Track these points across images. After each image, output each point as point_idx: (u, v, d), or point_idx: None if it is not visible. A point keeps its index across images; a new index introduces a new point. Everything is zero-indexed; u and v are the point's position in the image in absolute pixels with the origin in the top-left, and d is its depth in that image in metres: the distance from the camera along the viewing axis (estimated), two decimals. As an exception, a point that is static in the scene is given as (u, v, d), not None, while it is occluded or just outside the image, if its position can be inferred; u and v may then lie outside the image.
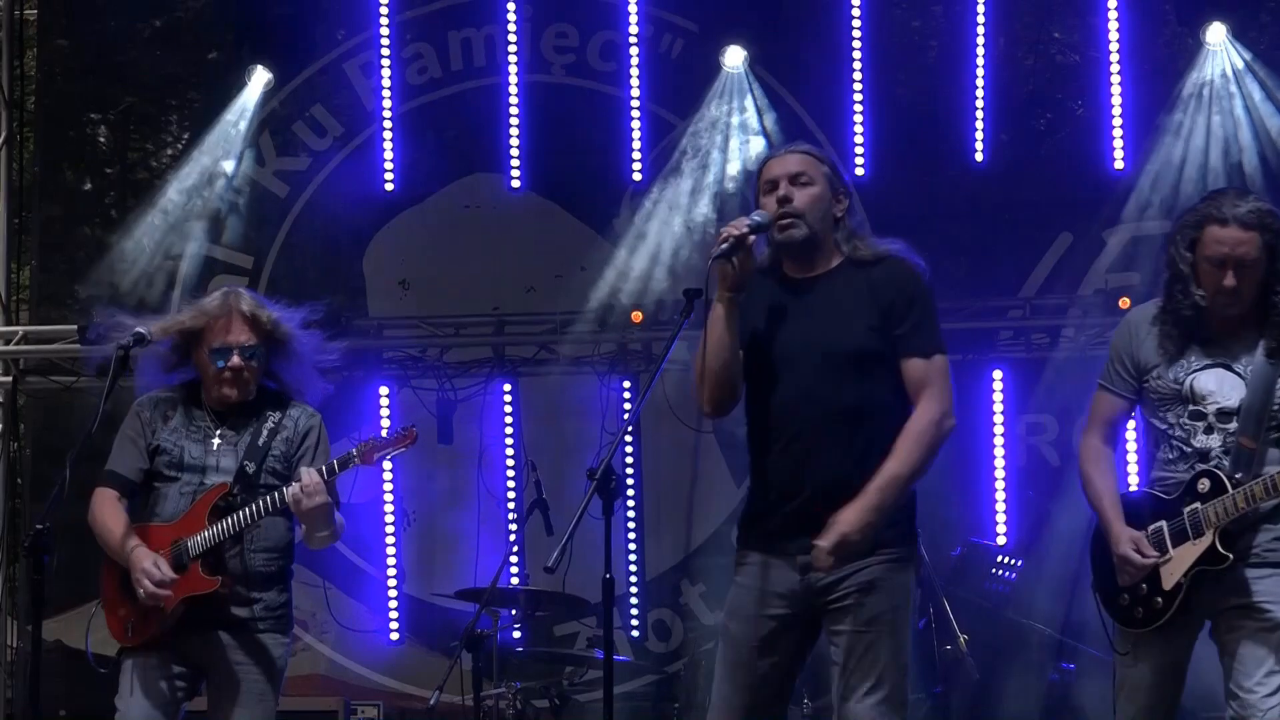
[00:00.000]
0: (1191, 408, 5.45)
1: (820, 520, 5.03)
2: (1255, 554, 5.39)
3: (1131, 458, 8.63)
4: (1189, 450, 5.45)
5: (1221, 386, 5.44)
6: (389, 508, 10.00)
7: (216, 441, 5.94)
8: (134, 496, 5.96)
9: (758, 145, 9.72)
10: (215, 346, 5.91)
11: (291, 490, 5.75)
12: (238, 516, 5.79)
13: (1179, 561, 5.39)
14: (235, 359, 5.90)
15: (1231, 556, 5.33)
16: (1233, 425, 5.40)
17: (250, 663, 5.88)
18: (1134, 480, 8.17)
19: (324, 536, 5.92)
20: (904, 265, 5.31)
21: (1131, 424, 5.97)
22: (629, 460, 9.89)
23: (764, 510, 5.20)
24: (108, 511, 5.90)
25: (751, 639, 5.15)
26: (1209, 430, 5.43)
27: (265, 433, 5.95)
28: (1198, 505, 5.37)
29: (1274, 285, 5.41)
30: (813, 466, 5.10)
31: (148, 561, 5.76)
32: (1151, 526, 5.46)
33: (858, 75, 9.84)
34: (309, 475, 5.76)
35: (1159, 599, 5.42)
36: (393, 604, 10.05)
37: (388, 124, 10.28)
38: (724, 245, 5.09)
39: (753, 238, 5.14)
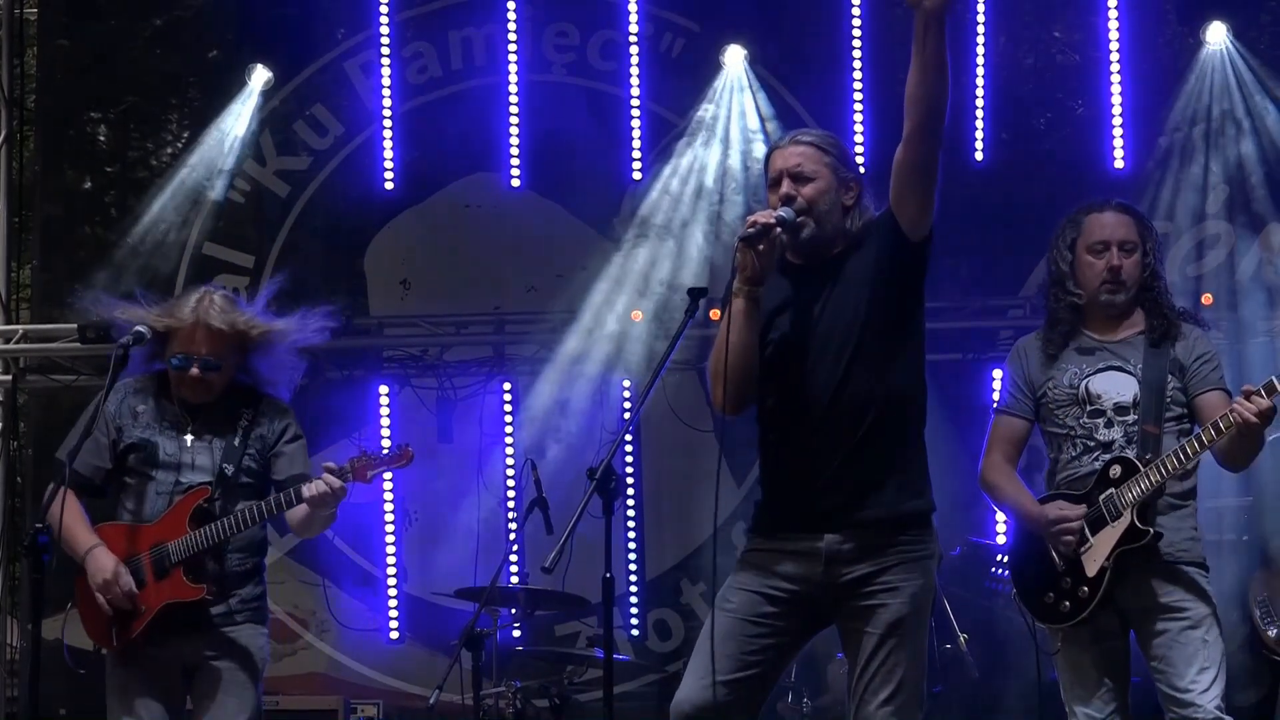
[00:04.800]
0: (1090, 408, 5.69)
1: (847, 509, 4.99)
2: (1168, 553, 5.56)
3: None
4: (1093, 443, 5.67)
5: (1114, 384, 5.69)
6: (389, 507, 10.00)
7: (189, 438, 5.94)
8: (89, 493, 5.94)
9: (758, 144, 9.73)
10: (177, 352, 5.90)
11: (317, 488, 5.76)
12: (222, 525, 5.79)
13: (1100, 547, 5.56)
14: (194, 370, 5.90)
15: (1151, 531, 5.50)
16: (1130, 417, 5.63)
17: (230, 654, 5.90)
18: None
19: (328, 516, 5.93)
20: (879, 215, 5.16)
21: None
22: (629, 460, 9.89)
23: (785, 499, 5.11)
24: (67, 512, 5.82)
25: (751, 613, 5.04)
26: (1109, 424, 5.66)
27: (240, 431, 5.95)
28: (1111, 491, 5.57)
29: (1149, 281, 5.75)
30: (834, 453, 5.00)
31: (106, 574, 5.76)
32: None
33: (858, 74, 9.85)
34: (332, 480, 5.78)
35: (1084, 588, 5.58)
36: (393, 603, 10.05)
37: (388, 123, 10.28)
38: (751, 230, 4.92)
39: (779, 230, 4.97)
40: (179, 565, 5.81)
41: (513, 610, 8.22)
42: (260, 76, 10.17)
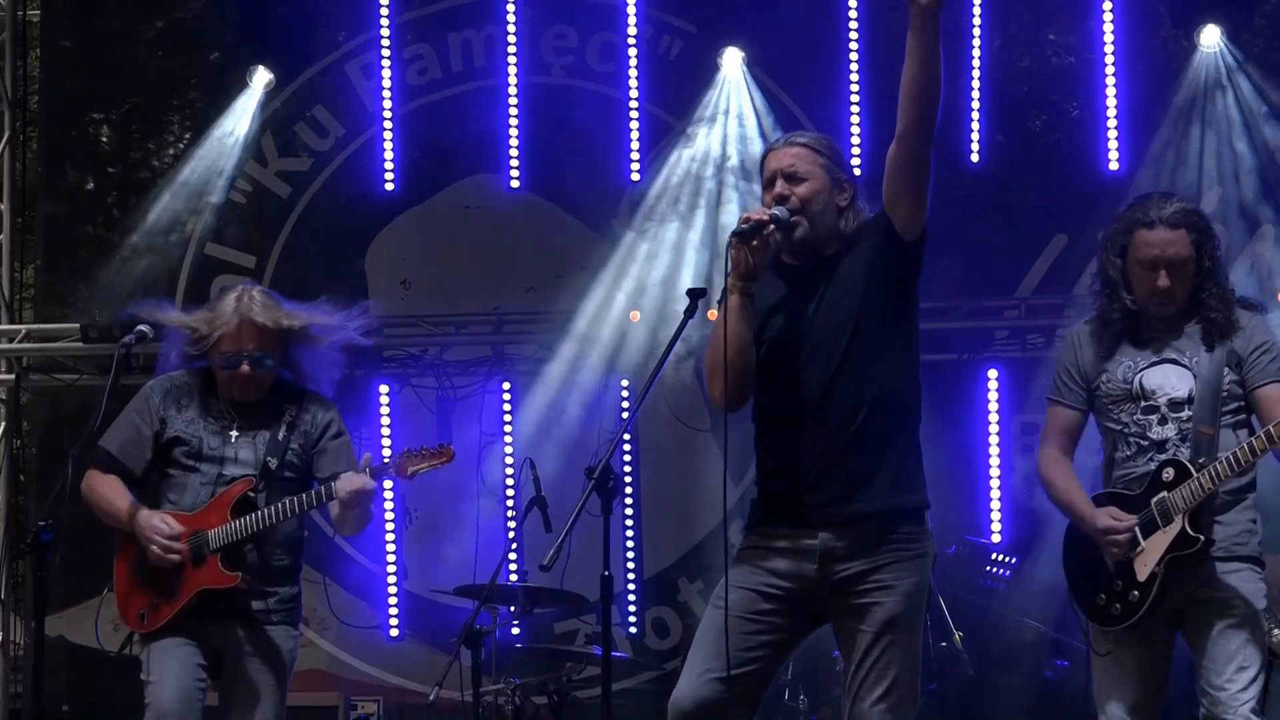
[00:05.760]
0: (1144, 404, 5.54)
1: (838, 509, 5.01)
2: (1223, 547, 5.45)
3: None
4: (1146, 443, 5.53)
5: (1168, 379, 5.53)
6: (389, 505, 10.00)
7: (234, 434, 5.97)
8: (127, 481, 5.96)
9: (755, 145, 9.74)
10: (225, 352, 5.93)
11: (347, 484, 5.80)
12: (262, 515, 5.82)
13: (1151, 551, 5.45)
14: (245, 367, 5.94)
15: (1202, 539, 5.38)
16: (1185, 413, 5.48)
17: (263, 655, 5.92)
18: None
19: (361, 514, 5.96)
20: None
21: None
22: (627, 459, 9.90)
23: (778, 496, 5.12)
24: (105, 483, 5.90)
25: (747, 610, 5.03)
26: (1163, 421, 5.52)
27: (284, 427, 5.98)
28: (1164, 494, 5.43)
29: (1204, 283, 5.54)
30: (824, 451, 5.01)
31: (155, 519, 5.82)
32: None
33: (854, 76, 9.85)
34: (360, 479, 5.81)
35: (1135, 592, 5.47)
36: (393, 600, 10.06)
37: (388, 125, 10.29)
38: (744, 226, 4.97)
39: (771, 228, 5.00)
40: (216, 553, 5.84)
41: (512, 608, 8.21)
42: (261, 78, 10.19)
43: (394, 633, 10.08)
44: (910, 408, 5.14)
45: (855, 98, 9.82)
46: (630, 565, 9.97)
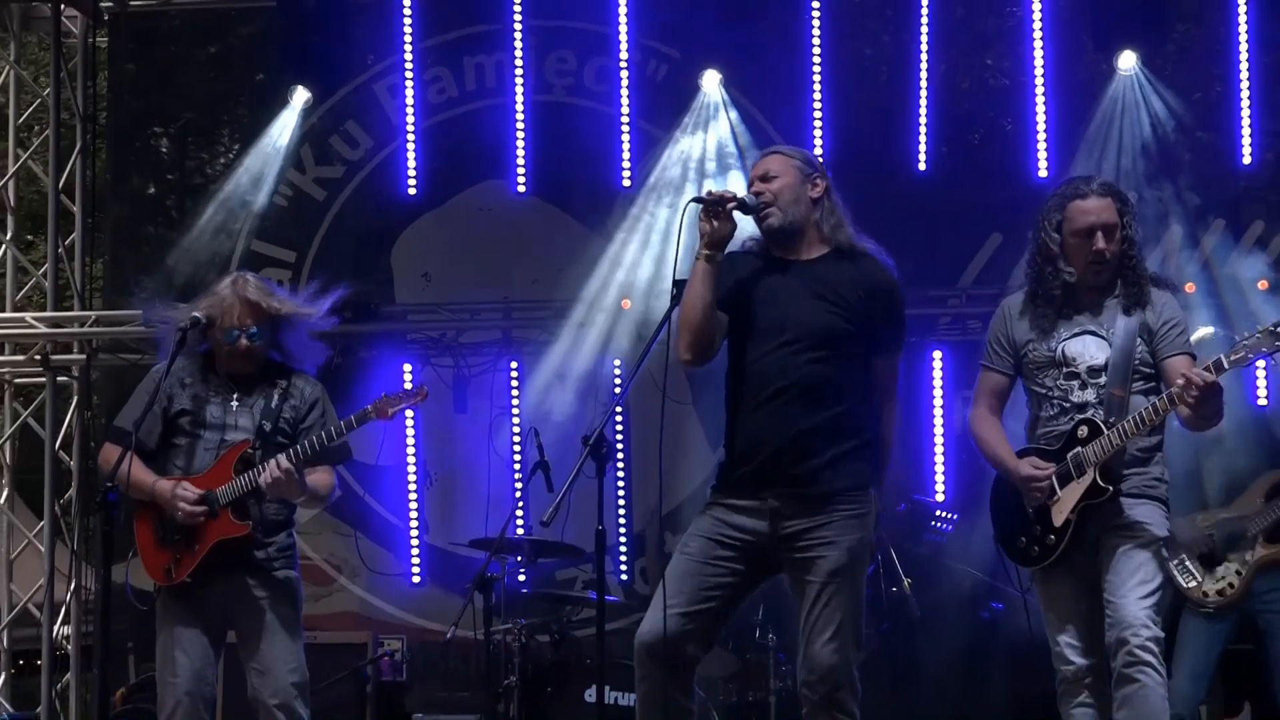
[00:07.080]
0: (1066, 370, 5.49)
1: (789, 473, 5.02)
2: (1135, 490, 5.42)
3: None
4: (1068, 405, 5.49)
5: (1087, 348, 5.48)
6: (412, 468, 10.01)
7: (234, 404, 5.99)
8: (145, 455, 5.94)
9: (730, 152, 9.74)
10: (225, 328, 5.95)
11: (264, 477, 5.79)
12: (260, 468, 5.82)
13: (1066, 500, 5.42)
14: (242, 341, 5.96)
15: (1111, 488, 5.35)
16: (1102, 379, 5.43)
17: (272, 595, 5.92)
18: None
19: (306, 501, 5.99)
20: (886, 271, 5.28)
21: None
22: (619, 429, 9.89)
23: (739, 462, 5.16)
24: (132, 467, 5.86)
25: (706, 556, 5.11)
26: (1083, 386, 5.47)
27: (276, 396, 6.01)
28: (1079, 449, 5.39)
29: (1126, 251, 5.49)
30: (784, 426, 5.05)
31: (177, 488, 5.83)
32: None
33: (818, 96, 9.82)
34: (281, 462, 5.79)
35: (1051, 536, 5.45)
36: (415, 552, 10.05)
37: (411, 137, 10.25)
38: (706, 196, 5.09)
39: (732, 205, 5.10)
40: (225, 507, 5.84)
41: (518, 558, 8.22)
42: (301, 96, 10.15)
43: (416, 579, 10.08)
44: (864, 392, 5.17)
45: (818, 114, 9.78)
46: (621, 521, 9.97)
